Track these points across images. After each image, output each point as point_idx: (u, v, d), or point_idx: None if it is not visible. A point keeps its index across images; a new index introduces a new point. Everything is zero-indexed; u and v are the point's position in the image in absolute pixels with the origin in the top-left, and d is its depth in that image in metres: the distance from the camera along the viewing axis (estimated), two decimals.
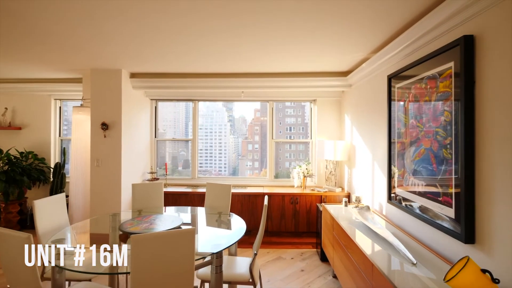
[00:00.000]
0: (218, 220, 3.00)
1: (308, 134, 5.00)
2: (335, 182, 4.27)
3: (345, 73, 4.07)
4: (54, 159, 5.26)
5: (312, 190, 4.38)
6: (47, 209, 2.58)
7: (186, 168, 5.09)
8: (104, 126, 4.05)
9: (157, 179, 4.83)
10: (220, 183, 4.84)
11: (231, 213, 3.12)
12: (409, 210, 2.33)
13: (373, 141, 3.28)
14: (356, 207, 3.19)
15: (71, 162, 4.47)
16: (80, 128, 4.47)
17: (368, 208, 2.82)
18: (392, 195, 2.65)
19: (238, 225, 2.73)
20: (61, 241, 2.22)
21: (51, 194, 4.86)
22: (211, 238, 2.56)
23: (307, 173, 4.47)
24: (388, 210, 2.82)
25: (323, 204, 3.42)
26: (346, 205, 3.26)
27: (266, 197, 2.66)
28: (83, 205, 4.54)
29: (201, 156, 4.91)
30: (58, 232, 2.51)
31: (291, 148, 4.83)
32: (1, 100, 5.19)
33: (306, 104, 5.07)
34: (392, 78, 2.64)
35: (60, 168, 4.93)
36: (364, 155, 3.57)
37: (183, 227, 2.68)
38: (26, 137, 5.22)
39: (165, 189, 4.53)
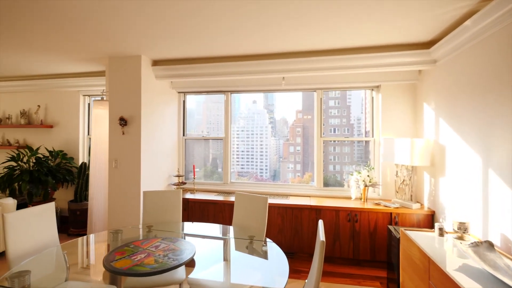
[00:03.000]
0: (249, 248, 2.13)
1: (355, 135, 3.95)
2: (411, 195, 3.13)
3: (426, 45, 2.94)
4: (82, 158, 4.91)
5: (377, 204, 3.30)
6: (24, 225, 1.96)
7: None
8: (122, 122, 3.47)
9: (184, 183, 4.15)
10: (256, 190, 4.05)
11: (267, 239, 2.23)
12: None
13: (485, 139, 2.14)
14: (460, 239, 2.08)
15: (91, 162, 4.00)
16: (100, 124, 3.98)
17: (490, 245, 1.72)
18: None
19: (279, 263, 1.84)
20: (23, 275, 1.55)
21: (76, 196, 4.48)
22: None
23: (369, 182, 3.40)
24: None
25: (402, 229, 2.35)
26: (441, 235, 2.16)
27: (320, 228, 1.71)
28: (104, 213, 4.04)
29: (242, 158, 4.29)
30: (33, 257, 1.88)
31: (335, 150, 3.96)
32: (34, 97, 5.01)
33: (351, 103, 4.06)
34: None
35: (85, 168, 4.53)
36: (463, 159, 2.42)
37: (198, 260, 1.88)
38: (57, 135, 4.95)
39: (192, 196, 3.83)
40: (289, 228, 3.41)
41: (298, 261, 3.32)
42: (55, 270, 2.03)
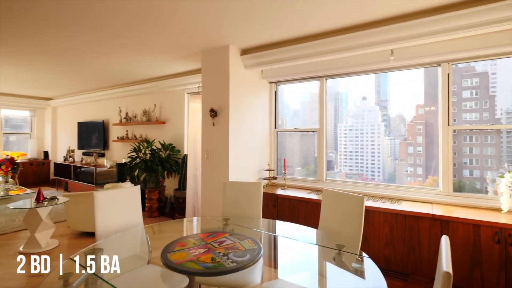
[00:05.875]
0: (337, 260, 1.62)
1: (503, 135, 2.72)
2: None
3: None
4: (186, 151, 5.31)
5: None
6: (111, 204, 2.04)
7: (330, 170, 3.92)
8: (213, 113, 3.46)
9: (275, 178, 3.88)
10: (356, 190, 3.33)
11: (363, 254, 1.65)
12: None
13: None
14: None
15: (188, 154, 4.22)
16: (196, 117, 4.15)
17: None
18: None
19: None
20: (96, 253, 1.55)
21: (179, 185, 4.86)
22: None
23: None
24: None
25: None
26: None
27: (444, 248, 1.05)
28: (199, 202, 4.19)
29: (350, 159, 3.82)
30: (111, 237, 1.92)
31: (472, 152, 2.92)
32: (152, 98, 5.76)
33: (497, 92, 2.91)
34: None
35: (186, 160, 4.86)
36: None
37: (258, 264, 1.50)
38: (168, 130, 5.53)
39: (282, 192, 3.51)
40: (401, 241, 2.64)
41: (411, 285, 2.53)
42: (139, 251, 2.05)
